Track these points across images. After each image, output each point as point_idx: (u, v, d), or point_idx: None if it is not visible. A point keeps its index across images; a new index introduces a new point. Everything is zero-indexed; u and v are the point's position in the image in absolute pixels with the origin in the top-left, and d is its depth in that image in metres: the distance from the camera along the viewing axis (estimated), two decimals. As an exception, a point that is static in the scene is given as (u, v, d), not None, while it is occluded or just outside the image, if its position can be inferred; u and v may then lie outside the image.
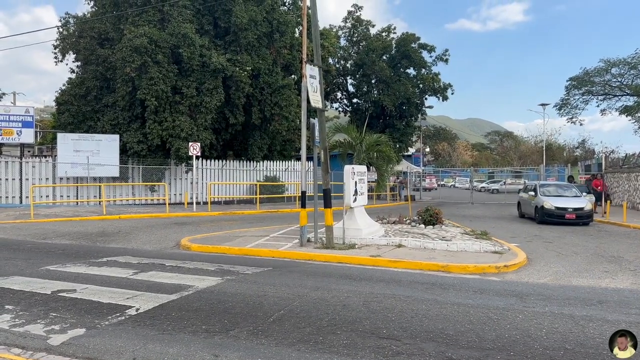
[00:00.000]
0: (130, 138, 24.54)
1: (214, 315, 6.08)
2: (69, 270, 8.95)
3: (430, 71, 40.73)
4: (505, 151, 78.31)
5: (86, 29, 26.36)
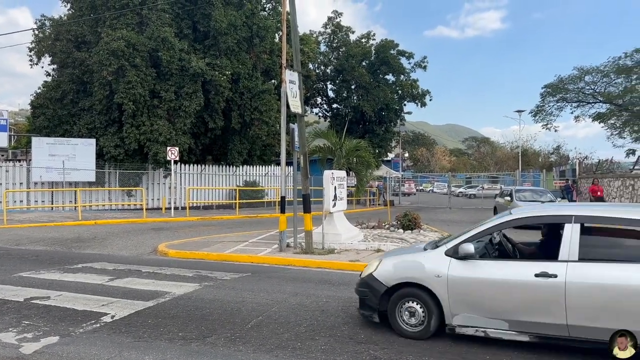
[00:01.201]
0: (107, 142, 24.20)
1: (191, 322, 6.03)
2: (43, 276, 8.78)
3: (408, 77, 41.14)
4: (482, 157, 79.43)
5: (62, 32, 25.97)
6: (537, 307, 5.00)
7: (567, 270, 4.92)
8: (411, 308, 5.57)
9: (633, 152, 31.79)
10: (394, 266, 5.88)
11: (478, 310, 5.27)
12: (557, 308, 4.88)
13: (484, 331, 5.28)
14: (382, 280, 5.78)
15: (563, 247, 5.09)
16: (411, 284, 5.61)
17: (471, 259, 5.42)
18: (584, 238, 5.15)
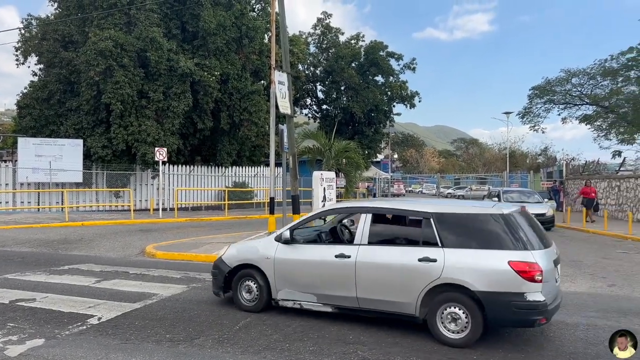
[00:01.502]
0: (95, 143, 23.99)
1: (179, 324, 6.00)
2: (29, 278, 8.69)
3: (398, 79, 41.30)
4: (471, 158, 79.89)
5: (49, 31, 25.71)
6: (336, 282, 6.05)
7: (358, 251, 5.97)
8: (248, 286, 6.66)
9: (619, 154, 32.11)
10: (237, 250, 7.00)
11: (295, 286, 6.36)
12: (350, 283, 5.91)
13: (299, 304, 6.36)
14: (227, 262, 6.89)
15: (357, 233, 6.19)
16: (248, 265, 6.68)
17: (294, 243, 6.46)
18: (374, 226, 6.23)
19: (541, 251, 5.37)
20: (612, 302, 7.51)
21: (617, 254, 12.72)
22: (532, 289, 5.11)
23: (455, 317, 5.37)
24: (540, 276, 5.10)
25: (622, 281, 9.20)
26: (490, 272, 5.24)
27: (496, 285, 5.19)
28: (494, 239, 5.40)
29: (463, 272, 5.33)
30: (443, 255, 5.47)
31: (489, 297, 5.20)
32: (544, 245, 5.57)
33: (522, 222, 5.63)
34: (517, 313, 5.14)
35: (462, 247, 5.49)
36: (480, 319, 5.27)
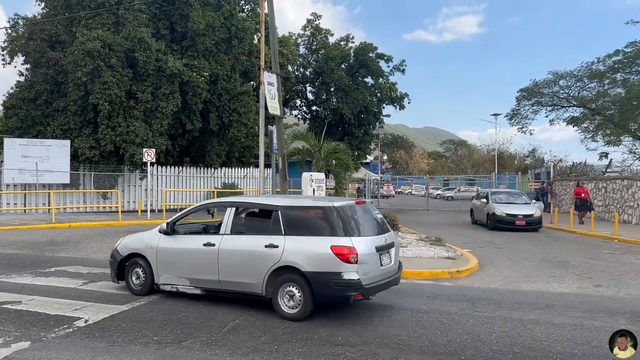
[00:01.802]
0: (82, 144, 23.77)
1: (167, 326, 5.96)
2: (15, 280, 8.59)
3: (387, 80, 41.38)
4: (460, 159, 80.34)
5: (36, 31, 25.43)
6: (203, 267, 6.94)
7: (221, 240, 6.87)
8: (137, 272, 7.58)
9: (606, 155, 32.44)
10: (129, 241, 7.95)
11: (172, 271, 7.27)
12: (214, 268, 6.80)
13: (176, 287, 7.26)
14: (120, 252, 7.80)
15: (223, 225, 7.11)
16: (137, 255, 7.60)
17: (174, 235, 7.43)
18: (236, 218, 7.13)
19: (362, 238, 6.34)
20: (598, 303, 7.59)
21: (603, 255, 12.87)
22: (348, 269, 6.04)
23: (292, 295, 6.30)
24: (356, 258, 6.03)
25: (609, 281, 9.30)
26: (315, 255, 6.19)
27: (320, 265, 6.13)
28: (323, 228, 6.39)
29: (296, 256, 6.26)
30: (284, 242, 6.39)
31: (315, 276, 6.13)
32: (375, 233, 6.70)
33: (351, 214, 6.64)
34: (335, 289, 6.08)
35: (299, 234, 6.44)
36: (310, 296, 6.18)
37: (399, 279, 7.12)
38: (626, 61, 28.22)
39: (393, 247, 6.94)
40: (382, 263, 6.55)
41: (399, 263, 7.30)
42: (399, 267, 7.25)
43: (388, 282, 6.71)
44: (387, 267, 6.67)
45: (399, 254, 7.44)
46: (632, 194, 21.75)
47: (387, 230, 7.06)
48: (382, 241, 6.65)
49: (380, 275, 6.50)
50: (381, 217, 7.31)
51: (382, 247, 6.59)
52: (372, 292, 6.42)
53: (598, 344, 5.46)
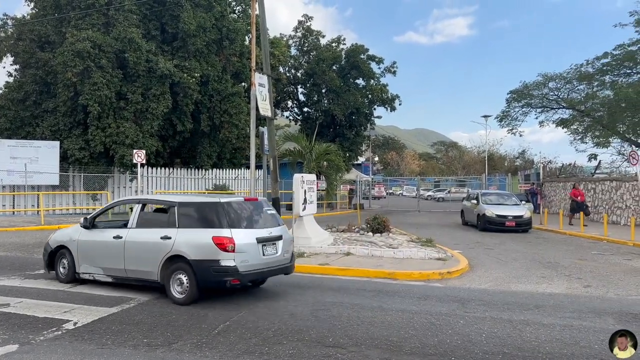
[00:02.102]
0: (72, 145, 23.60)
1: (157, 328, 5.92)
2: (3, 283, 8.51)
3: (378, 82, 41.49)
4: (450, 161, 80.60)
5: (25, 32, 25.25)
6: (113, 258, 7.86)
7: (127, 233, 7.79)
8: (63, 263, 8.55)
9: (595, 157, 32.70)
10: (58, 235, 9.03)
11: (89, 261, 8.24)
12: (120, 258, 7.73)
13: (92, 276, 8.20)
14: (51, 244, 8.81)
15: (130, 219, 8.03)
16: (64, 247, 8.58)
17: (93, 229, 8.37)
18: (142, 213, 8.09)
19: (242, 230, 7.19)
20: (587, 303, 7.65)
21: (592, 256, 12.97)
22: (225, 257, 6.87)
23: (181, 282, 7.11)
24: (233, 247, 6.87)
25: (598, 282, 9.38)
26: (199, 245, 7.03)
27: (202, 254, 6.97)
28: (209, 221, 7.20)
29: (184, 246, 7.11)
30: (176, 234, 7.26)
31: (198, 264, 6.96)
32: (260, 227, 7.55)
33: (237, 209, 7.53)
34: (214, 275, 6.90)
35: (189, 227, 7.30)
36: (194, 281, 6.97)
37: (289, 269, 8.00)
38: (614, 63, 28.49)
39: (281, 239, 7.73)
40: (264, 253, 7.37)
41: (291, 254, 8.13)
42: (291, 258, 8.09)
43: (273, 271, 7.62)
44: (272, 257, 7.50)
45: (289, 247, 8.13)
46: (620, 195, 21.96)
47: (276, 224, 7.92)
48: (266, 234, 7.51)
49: (261, 264, 7.32)
50: (273, 213, 8.18)
51: (265, 239, 7.43)
52: (250, 279, 7.28)
53: (587, 344, 5.50)
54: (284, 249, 7.80)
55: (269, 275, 7.80)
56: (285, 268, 7.86)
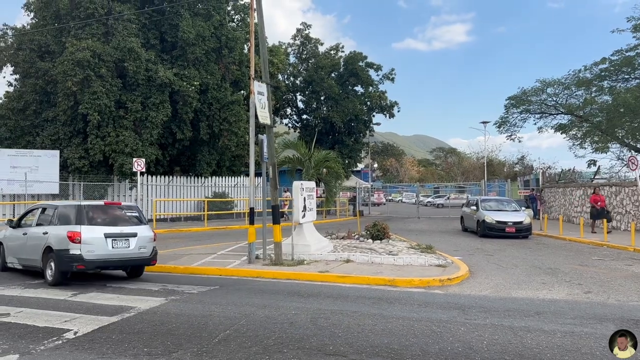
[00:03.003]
0: (72, 154, 23.63)
1: (157, 337, 5.91)
2: (3, 293, 8.52)
3: (377, 89, 41.60)
4: (450, 167, 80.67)
5: (25, 41, 25.36)
6: (21, 250, 10.38)
7: (29, 230, 10.25)
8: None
9: (594, 163, 32.72)
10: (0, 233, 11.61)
11: (11, 254, 10.82)
12: (24, 250, 10.24)
13: (13, 265, 10.73)
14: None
15: (34, 220, 10.45)
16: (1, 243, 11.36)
17: (18, 227, 10.85)
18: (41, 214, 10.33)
19: (91, 227, 9.29)
20: (588, 309, 7.63)
21: (593, 261, 12.96)
22: (73, 247, 9.01)
23: (51, 267, 9.34)
24: (79, 239, 9.00)
25: (598, 288, 9.37)
26: (59, 238, 9.21)
27: (60, 245, 9.13)
28: (69, 219, 9.45)
29: (52, 238, 9.34)
30: (50, 230, 9.55)
31: (58, 252, 9.14)
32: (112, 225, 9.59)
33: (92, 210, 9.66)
34: (66, 261, 9.04)
35: (59, 224, 9.54)
36: (57, 266, 9.18)
37: (144, 261, 9.90)
38: (613, 69, 28.58)
39: (135, 237, 9.61)
40: (112, 246, 9.33)
41: (152, 250, 9.91)
42: (151, 253, 9.91)
43: (124, 261, 9.64)
44: (121, 250, 9.43)
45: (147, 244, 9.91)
46: (620, 200, 21.98)
47: (133, 225, 9.87)
48: (116, 231, 9.49)
49: (109, 254, 9.29)
50: (135, 215, 10.23)
51: (114, 234, 9.41)
52: (96, 265, 9.32)
53: (588, 350, 5.49)
54: (139, 245, 9.65)
55: (121, 265, 9.85)
56: (141, 260, 9.82)
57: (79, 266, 8.98)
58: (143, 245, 9.69)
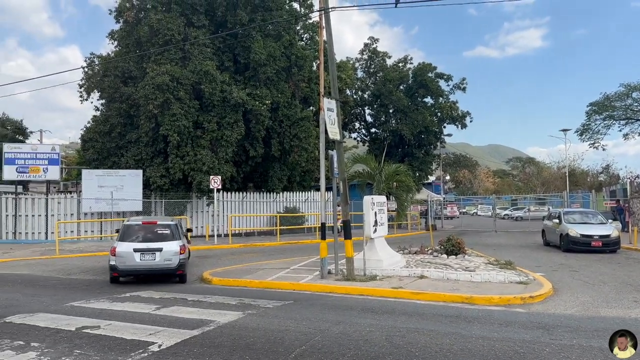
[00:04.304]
0: (153, 173, 24.95)
1: (236, 351, 6.06)
2: (93, 306, 9.02)
3: (447, 100, 40.88)
4: (528, 177, 77.22)
5: (110, 68, 27.17)
6: None
7: None
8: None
9: (689, 170, 30.22)
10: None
11: None
12: None
13: None
14: None
15: None
16: None
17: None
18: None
19: (124, 242, 11.64)
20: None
21: (693, 278, 11.87)
22: (112, 259, 11.55)
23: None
24: (114, 253, 11.45)
25: (701, 307, 8.56)
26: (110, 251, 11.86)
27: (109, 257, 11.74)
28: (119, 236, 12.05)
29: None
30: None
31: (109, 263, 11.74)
32: (140, 241, 11.75)
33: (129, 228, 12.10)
34: (110, 269, 11.68)
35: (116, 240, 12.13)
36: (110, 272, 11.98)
37: (169, 271, 11.71)
38: None
39: (160, 251, 11.49)
40: (140, 259, 11.41)
41: (178, 262, 11.61)
42: (177, 264, 11.63)
43: (149, 270, 11.67)
44: (148, 261, 11.46)
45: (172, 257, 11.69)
46: None
47: (161, 240, 11.74)
48: (144, 247, 11.53)
49: (137, 265, 11.48)
50: (164, 232, 11.95)
51: (142, 249, 11.46)
52: (127, 273, 11.82)
53: (692, 377, 5.01)
54: (164, 258, 11.50)
55: (147, 273, 11.83)
56: (166, 270, 11.67)
57: (114, 274, 11.64)
58: (168, 258, 11.55)
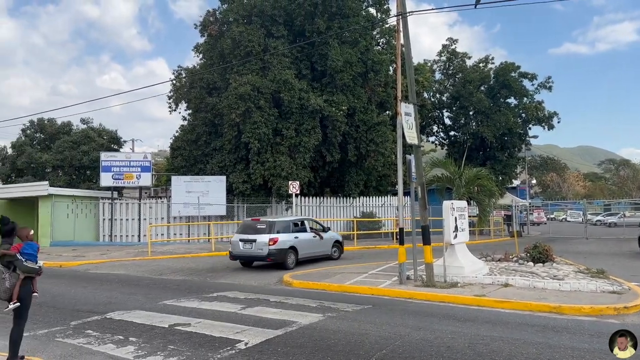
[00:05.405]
0: (236, 178, 25.99)
1: (318, 352, 6.22)
2: (184, 304, 9.59)
3: (532, 100, 39.11)
4: (623, 181, 71.96)
5: (196, 80, 28.70)
6: None
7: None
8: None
9: None
10: None
11: None
12: None
13: None
14: None
15: None
16: None
17: None
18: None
19: (237, 234, 15.45)
20: None
21: None
22: (230, 248, 15.58)
23: None
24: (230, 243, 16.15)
25: None
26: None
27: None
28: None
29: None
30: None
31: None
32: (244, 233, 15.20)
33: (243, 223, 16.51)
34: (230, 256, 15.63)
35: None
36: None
37: (260, 257, 14.77)
38: None
39: (254, 242, 14.62)
40: (242, 247, 14.86)
41: (268, 250, 14.43)
42: (267, 253, 14.46)
43: (247, 256, 15.16)
44: (247, 249, 14.77)
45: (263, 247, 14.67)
46: None
47: (257, 233, 14.80)
48: (244, 237, 14.93)
49: (240, 252, 14.99)
50: (262, 227, 14.97)
51: (243, 239, 14.88)
52: (236, 258, 15.35)
53: None
54: (257, 247, 14.56)
55: (245, 258, 15.32)
56: (258, 257, 14.79)
57: (231, 258, 15.40)
58: (260, 247, 14.49)
